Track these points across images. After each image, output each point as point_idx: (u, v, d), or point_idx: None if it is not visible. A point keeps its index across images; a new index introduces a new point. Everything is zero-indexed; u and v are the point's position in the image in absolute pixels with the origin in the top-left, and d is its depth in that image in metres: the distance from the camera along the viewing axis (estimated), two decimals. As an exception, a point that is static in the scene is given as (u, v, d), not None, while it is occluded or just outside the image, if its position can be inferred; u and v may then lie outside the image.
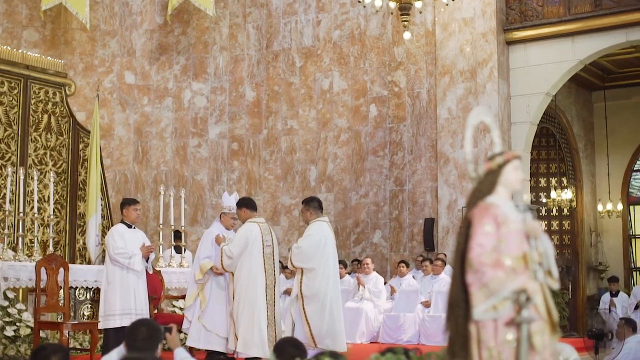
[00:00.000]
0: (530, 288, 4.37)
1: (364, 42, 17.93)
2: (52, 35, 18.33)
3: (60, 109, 15.12)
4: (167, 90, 18.89)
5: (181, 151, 18.82)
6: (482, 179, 4.76)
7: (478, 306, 4.39)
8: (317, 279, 9.94)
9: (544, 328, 4.51)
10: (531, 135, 16.78)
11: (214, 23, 18.88)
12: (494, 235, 4.49)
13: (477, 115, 4.92)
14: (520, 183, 4.84)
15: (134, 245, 10.02)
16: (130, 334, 5.58)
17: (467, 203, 4.78)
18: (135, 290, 9.93)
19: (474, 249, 4.45)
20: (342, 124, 17.97)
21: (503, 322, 4.37)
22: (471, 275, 4.44)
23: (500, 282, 4.37)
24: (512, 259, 4.47)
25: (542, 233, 4.68)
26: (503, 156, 4.79)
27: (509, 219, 4.58)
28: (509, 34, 16.64)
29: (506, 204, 4.70)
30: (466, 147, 4.85)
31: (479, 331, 4.43)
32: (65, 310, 10.19)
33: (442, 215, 16.59)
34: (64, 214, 15.06)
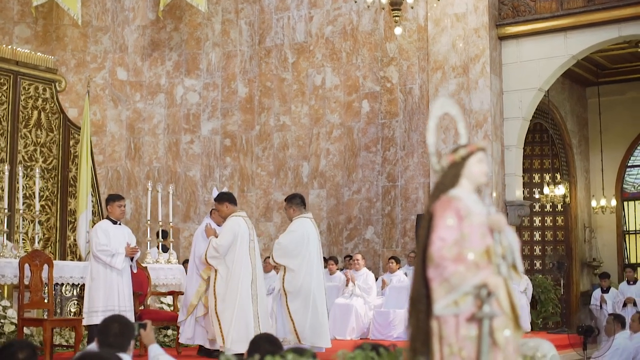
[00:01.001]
0: (491, 283, 4.24)
1: (356, 38, 17.87)
2: (43, 32, 18.28)
3: (51, 105, 15.06)
4: (159, 87, 18.84)
5: (173, 147, 18.77)
6: (445, 172, 4.65)
7: (439, 301, 4.29)
8: (300, 276, 9.91)
9: (507, 324, 4.39)
10: (524, 131, 16.73)
11: (206, 19, 18.82)
12: (456, 228, 4.38)
13: (442, 106, 4.84)
14: (485, 176, 4.70)
15: (118, 242, 9.97)
16: (102, 330, 5.54)
17: (430, 196, 4.66)
18: (119, 287, 9.89)
19: (435, 243, 4.34)
20: (334, 120, 17.92)
21: (464, 317, 4.27)
22: (432, 270, 4.33)
23: (462, 277, 4.25)
24: (474, 253, 4.36)
25: (507, 226, 4.55)
26: (467, 148, 4.70)
27: (472, 212, 4.46)
28: (501, 29, 16.59)
29: (470, 197, 4.59)
30: (428, 138, 4.74)
31: (441, 327, 4.33)
32: (50, 307, 10.14)
33: (435, 211, 16.50)
34: (54, 210, 15.01)
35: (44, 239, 14.85)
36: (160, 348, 6.19)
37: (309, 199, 17.98)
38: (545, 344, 6.56)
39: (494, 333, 4.27)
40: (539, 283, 16.89)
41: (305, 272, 9.96)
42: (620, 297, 15.89)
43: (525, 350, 6.42)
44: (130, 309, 10.00)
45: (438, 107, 4.84)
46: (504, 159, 16.55)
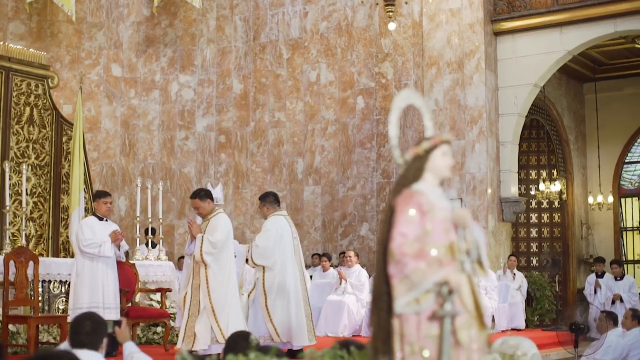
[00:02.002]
0: (453, 280, 4.09)
1: (351, 34, 17.78)
2: (38, 28, 18.21)
3: (43, 102, 14.99)
4: (154, 83, 18.76)
5: (168, 144, 18.70)
6: (409, 165, 4.50)
7: (400, 299, 4.14)
8: (277, 274, 9.82)
9: (471, 322, 4.26)
10: (519, 127, 16.63)
11: (201, 15, 18.74)
12: (417, 224, 4.23)
13: (406, 97, 4.70)
14: (449, 169, 4.55)
15: (103, 237, 9.90)
16: (74, 328, 5.47)
17: (392, 190, 4.50)
18: (104, 283, 9.81)
19: (396, 239, 4.19)
20: (329, 116, 17.84)
21: (426, 315, 4.13)
22: (393, 267, 4.18)
23: (422, 274, 4.10)
24: (437, 249, 4.21)
25: (472, 222, 4.41)
26: (430, 141, 4.54)
27: (435, 207, 4.31)
28: (496, 24, 16.50)
29: (433, 191, 4.44)
30: (390, 131, 4.60)
31: (402, 325, 4.19)
32: (35, 304, 10.07)
33: (429, 207, 16.42)
34: (47, 207, 14.94)
35: (36, 235, 14.78)
36: (135, 346, 6.13)
37: (303, 195, 17.93)
38: (526, 342, 6.47)
39: (456, 332, 4.15)
40: (534, 280, 16.81)
41: (279, 270, 9.88)
42: (609, 294, 15.79)
43: (504, 348, 6.33)
44: (115, 305, 9.91)
45: (401, 99, 4.69)
46: (499, 155, 16.46)
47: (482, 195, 16.02)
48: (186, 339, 9.32)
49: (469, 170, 16.12)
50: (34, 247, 14.65)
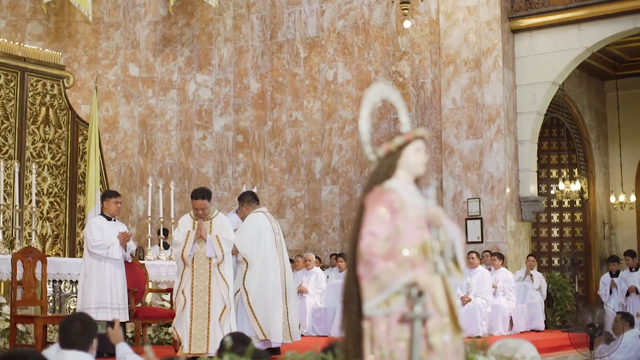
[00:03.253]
0: (422, 281, 3.92)
1: (368, 32, 17.67)
2: (55, 28, 18.23)
3: (59, 102, 15.01)
4: (171, 83, 18.74)
5: (186, 144, 18.67)
6: (381, 162, 4.30)
7: (369, 301, 3.97)
8: (257, 270, 9.74)
9: (445, 325, 4.07)
10: (538, 126, 16.45)
11: (217, 14, 18.69)
12: (388, 222, 4.05)
13: (379, 91, 4.48)
14: (423, 166, 4.35)
15: (112, 237, 9.86)
16: (63, 329, 5.40)
17: (364, 188, 4.32)
18: (112, 284, 9.77)
19: (365, 238, 4.00)
20: (346, 115, 17.73)
21: (396, 318, 3.95)
22: (362, 267, 4.00)
23: (392, 275, 3.90)
24: (409, 249, 4.04)
25: (446, 220, 4.23)
26: (403, 136, 4.35)
27: (407, 205, 4.12)
28: (514, 22, 16.32)
29: (406, 188, 4.24)
30: (361, 126, 4.39)
31: (372, 328, 4.02)
32: (43, 304, 10.04)
33: (447, 207, 16.31)
34: (63, 207, 14.96)
35: (52, 235, 14.82)
36: (128, 347, 6.05)
37: (321, 195, 17.83)
38: (526, 345, 6.30)
39: (428, 336, 3.98)
40: (555, 280, 16.59)
41: (260, 267, 9.79)
42: (624, 286, 15.57)
43: (503, 351, 6.17)
44: (124, 306, 9.87)
45: (374, 93, 4.47)
46: (517, 154, 16.29)
47: (501, 195, 15.85)
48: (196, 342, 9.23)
49: (487, 170, 15.96)
50: (51, 247, 14.68)
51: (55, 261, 11.13)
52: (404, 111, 4.50)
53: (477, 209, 16.00)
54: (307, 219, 17.97)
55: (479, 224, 15.93)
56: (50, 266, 10.82)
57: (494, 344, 6.14)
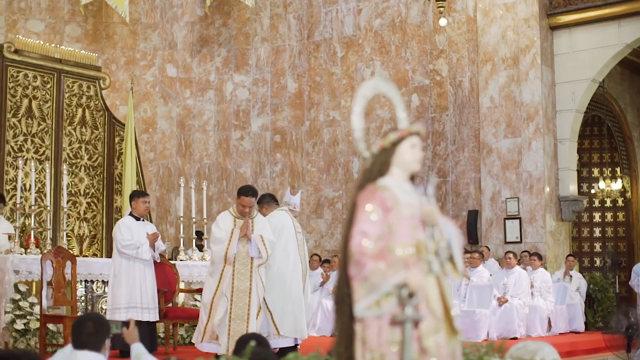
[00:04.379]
0: (412, 282, 3.74)
1: (405, 30, 17.53)
2: (94, 30, 18.33)
3: (95, 103, 15.08)
4: (209, 83, 18.76)
5: (224, 144, 18.67)
6: (374, 159, 4.16)
7: (360, 302, 3.84)
8: (275, 266, 9.59)
9: (439, 327, 3.93)
10: (577, 124, 16.20)
11: (254, 14, 18.67)
12: (380, 221, 3.92)
13: (373, 86, 4.36)
14: (418, 163, 4.19)
15: (141, 237, 9.84)
16: (76, 329, 5.36)
17: (356, 186, 4.20)
18: (141, 283, 9.75)
19: (355, 238, 3.85)
20: (384, 115, 17.60)
21: (387, 320, 3.81)
22: (352, 268, 3.87)
23: (382, 275, 3.77)
24: (402, 249, 3.91)
25: (442, 219, 4.10)
26: (398, 132, 4.18)
27: (401, 204, 3.98)
28: (552, 18, 16.08)
29: (400, 186, 4.09)
30: (355, 123, 4.23)
31: (364, 330, 3.89)
32: (73, 304, 10.06)
33: (486, 207, 16.13)
34: (100, 207, 15.03)
35: (90, 236, 14.89)
36: (143, 347, 6.00)
37: (359, 195, 17.70)
38: (547, 347, 6.14)
39: (421, 338, 3.84)
40: (596, 281, 16.32)
41: (280, 263, 9.62)
42: (637, 281, 15.27)
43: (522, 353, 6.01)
44: (153, 305, 9.84)
45: (368, 87, 4.34)
46: (556, 153, 16.05)
47: (540, 194, 15.63)
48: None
49: (526, 169, 15.74)
50: (88, 247, 14.77)
51: (87, 261, 11.15)
52: (401, 106, 4.36)
53: (515, 209, 15.79)
54: (345, 219, 17.84)
55: (518, 223, 15.73)
56: (82, 266, 10.85)
57: (513, 346, 6.00)
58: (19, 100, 14.12)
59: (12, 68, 14.13)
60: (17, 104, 14.10)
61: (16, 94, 14.08)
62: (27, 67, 14.29)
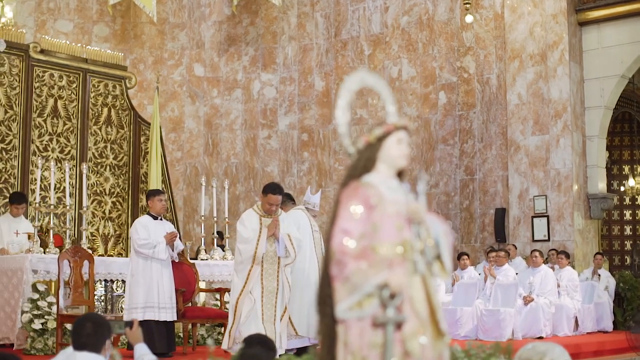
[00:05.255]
0: (394, 282, 3.61)
1: (432, 28, 17.39)
2: (122, 30, 18.39)
3: (121, 102, 15.12)
4: (236, 82, 18.74)
5: (251, 143, 18.65)
6: (359, 155, 4.03)
7: (341, 303, 3.70)
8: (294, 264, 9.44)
9: (424, 330, 3.79)
10: (607, 120, 15.99)
11: (282, 12, 18.63)
12: (363, 219, 3.79)
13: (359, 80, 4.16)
14: (405, 158, 4.06)
15: (158, 236, 9.80)
16: (75, 329, 5.32)
17: (341, 183, 4.07)
18: (158, 283, 9.71)
19: (337, 236, 3.73)
20: (411, 112, 17.48)
21: (369, 322, 3.68)
22: (334, 267, 3.73)
23: (363, 275, 3.64)
24: (387, 248, 3.77)
25: (429, 217, 3.96)
26: (383, 127, 4.03)
27: (386, 201, 3.86)
28: (581, 14, 15.88)
29: (386, 183, 3.97)
30: (339, 117, 4.06)
31: (346, 332, 3.75)
32: (90, 304, 10.06)
33: (513, 205, 15.96)
34: (125, 207, 15.07)
35: (115, 235, 14.94)
36: (147, 348, 5.96)
37: (386, 193, 17.60)
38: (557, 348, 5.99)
39: (404, 341, 3.70)
40: (626, 280, 16.07)
41: (298, 260, 9.45)
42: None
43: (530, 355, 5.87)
44: (171, 305, 9.80)
45: (353, 81, 4.16)
46: (585, 150, 15.84)
47: (568, 192, 15.43)
48: None
49: (554, 166, 15.55)
50: (113, 246, 14.81)
51: (106, 261, 11.15)
52: (390, 100, 4.17)
53: (543, 207, 15.61)
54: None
55: (546, 221, 15.54)
56: (101, 266, 10.85)
57: (522, 347, 5.87)
58: (44, 100, 14.19)
59: (38, 68, 14.21)
60: (43, 104, 14.17)
61: (42, 93, 14.16)
62: (53, 67, 14.37)
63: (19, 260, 10.30)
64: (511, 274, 13.60)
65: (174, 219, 15.57)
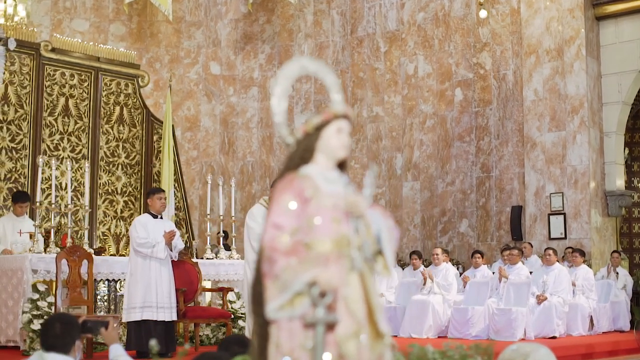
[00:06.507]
0: (323, 279, 3.39)
1: (449, 24, 17.19)
2: (138, 29, 18.37)
3: (133, 101, 15.08)
4: (252, 80, 18.66)
5: (267, 141, 18.55)
6: (297, 145, 3.82)
7: (271, 302, 3.46)
8: None
9: (361, 331, 3.54)
10: (624, 116, 15.72)
11: (298, 10, 18.51)
12: (296, 213, 3.56)
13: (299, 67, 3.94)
14: (345, 149, 3.82)
15: (157, 235, 9.71)
16: (44, 330, 5.24)
17: (277, 175, 3.86)
18: (157, 282, 9.61)
19: (267, 231, 3.52)
20: (427, 110, 17.30)
21: (300, 322, 3.46)
22: (265, 264, 3.50)
23: (293, 272, 3.41)
24: (324, 243, 3.55)
25: (370, 211, 3.73)
26: (322, 115, 3.82)
27: (322, 194, 3.63)
28: (598, 8, 15.61)
29: (323, 174, 3.73)
30: (275, 106, 3.89)
31: (277, 333, 3.54)
32: (89, 304, 10.00)
33: (530, 202, 15.72)
34: (137, 206, 15.02)
35: (126, 235, 14.88)
36: (122, 349, 5.86)
37: (402, 191, 17.45)
38: (542, 349, 5.82)
39: (339, 343, 3.47)
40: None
41: None
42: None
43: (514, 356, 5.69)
44: (169, 305, 9.69)
45: (292, 68, 3.95)
46: (603, 146, 15.58)
47: (585, 189, 15.18)
48: None
49: (570, 163, 15.31)
50: (125, 246, 14.75)
51: (109, 260, 11.06)
52: (335, 88, 3.95)
53: (560, 204, 15.37)
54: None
55: (562, 219, 15.30)
56: (103, 265, 10.77)
57: (507, 348, 5.70)
58: (55, 99, 14.18)
59: (49, 67, 14.20)
60: (54, 103, 14.16)
61: (52, 92, 14.15)
62: (64, 65, 14.35)
63: (19, 260, 10.23)
64: (524, 273, 13.37)
65: (187, 218, 15.52)
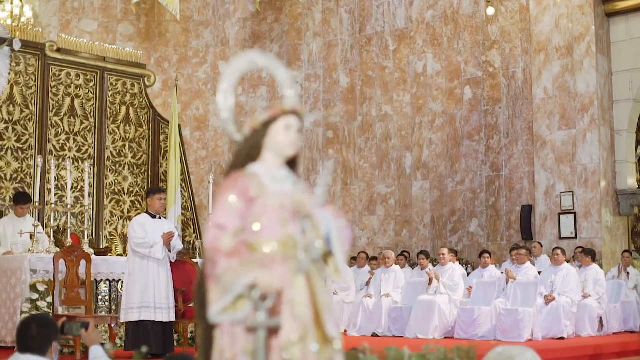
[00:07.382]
0: (263, 282, 3.30)
1: (457, 22, 17.03)
2: (146, 29, 18.32)
3: (140, 100, 15.03)
4: (261, 79, 18.56)
5: (276, 141, 18.43)
6: (244, 142, 3.71)
7: (214, 305, 3.34)
8: None
9: (307, 336, 3.43)
10: (636, 114, 15.52)
11: (306, 9, 18.41)
12: (240, 213, 3.46)
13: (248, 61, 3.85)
14: (294, 146, 3.72)
15: (156, 235, 9.63)
16: (20, 332, 5.15)
17: (224, 173, 3.74)
18: (155, 283, 9.53)
19: (210, 232, 3.42)
20: (436, 108, 17.15)
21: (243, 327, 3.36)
22: (207, 265, 3.40)
23: (234, 274, 3.30)
24: (270, 244, 3.45)
25: (320, 211, 3.60)
26: (269, 111, 3.73)
27: (268, 193, 3.53)
28: (608, 5, 15.41)
29: (271, 173, 3.64)
30: (221, 102, 3.78)
31: (221, 337, 3.43)
32: (87, 304, 9.93)
33: (540, 201, 15.55)
34: (144, 206, 14.94)
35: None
36: (102, 350, 5.77)
37: (412, 191, 17.32)
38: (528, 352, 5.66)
39: (282, 349, 3.36)
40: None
41: None
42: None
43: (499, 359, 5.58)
44: (167, 305, 9.60)
45: (240, 62, 3.85)
46: (613, 144, 15.38)
47: (595, 188, 15.00)
48: None
49: (581, 162, 15.13)
50: (125, 246, 14.72)
51: (109, 260, 10.99)
52: (288, 83, 3.86)
53: (570, 203, 15.19)
54: (397, 216, 17.48)
55: (573, 218, 15.12)
56: (103, 265, 10.70)
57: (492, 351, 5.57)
58: (61, 99, 14.14)
59: (55, 67, 14.17)
60: (59, 103, 14.13)
61: (58, 92, 14.12)
62: (69, 65, 14.32)
63: (18, 260, 10.18)
64: (532, 273, 13.20)
65: (195, 218, 15.46)
